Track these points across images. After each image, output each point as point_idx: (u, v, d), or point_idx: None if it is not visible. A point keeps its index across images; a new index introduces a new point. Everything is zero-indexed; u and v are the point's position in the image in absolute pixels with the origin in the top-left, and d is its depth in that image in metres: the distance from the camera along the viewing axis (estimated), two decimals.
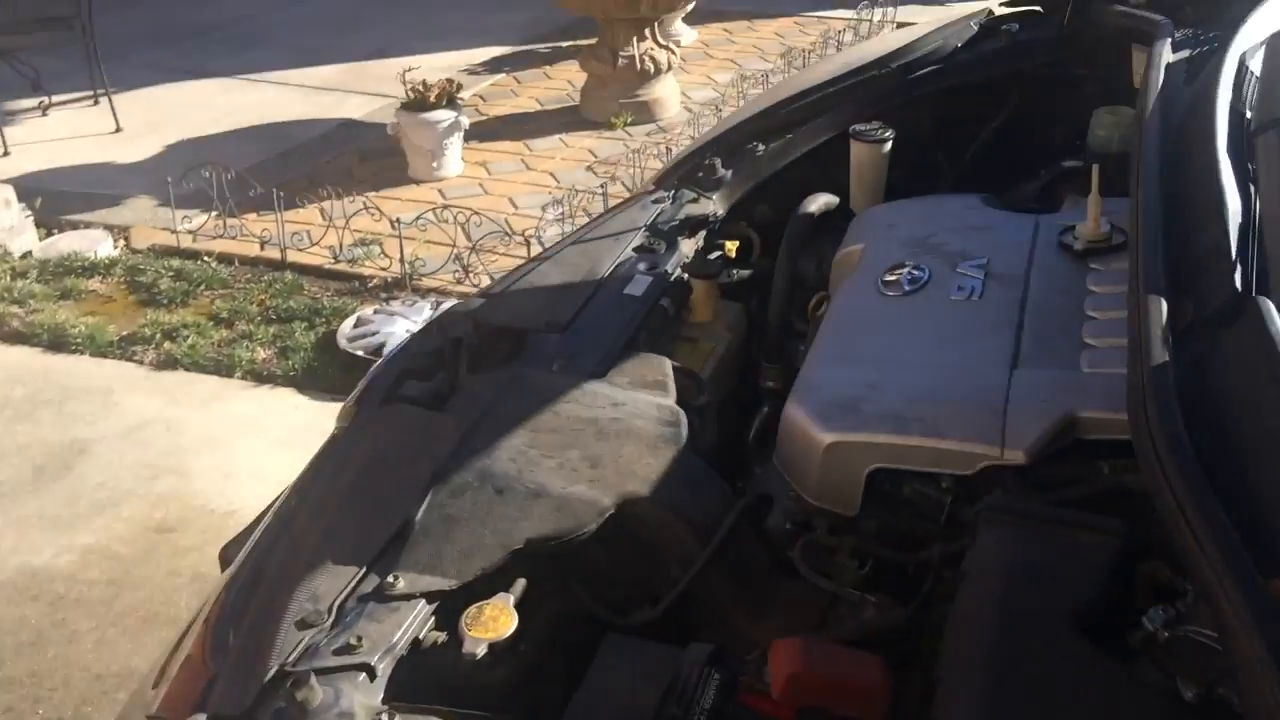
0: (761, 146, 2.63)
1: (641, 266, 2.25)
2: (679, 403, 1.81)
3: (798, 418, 1.70)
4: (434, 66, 6.99)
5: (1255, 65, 2.12)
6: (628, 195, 3.14)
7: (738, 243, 2.50)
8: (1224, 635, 1.01)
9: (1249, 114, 1.89)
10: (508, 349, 2.00)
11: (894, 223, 2.19)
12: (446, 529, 1.48)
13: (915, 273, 1.97)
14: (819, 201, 2.35)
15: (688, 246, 2.37)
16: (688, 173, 2.67)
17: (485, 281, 4.36)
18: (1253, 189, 1.64)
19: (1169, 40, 2.26)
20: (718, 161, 2.58)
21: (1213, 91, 1.88)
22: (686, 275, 2.27)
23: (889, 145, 2.54)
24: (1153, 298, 1.35)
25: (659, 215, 2.45)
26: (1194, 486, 1.08)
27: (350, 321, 4.64)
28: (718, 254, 2.39)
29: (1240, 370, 1.17)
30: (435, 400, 1.85)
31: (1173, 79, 2.07)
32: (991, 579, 1.27)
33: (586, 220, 3.09)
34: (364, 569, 1.40)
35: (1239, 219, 1.44)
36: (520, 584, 1.46)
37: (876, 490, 1.64)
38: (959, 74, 2.68)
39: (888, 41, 2.92)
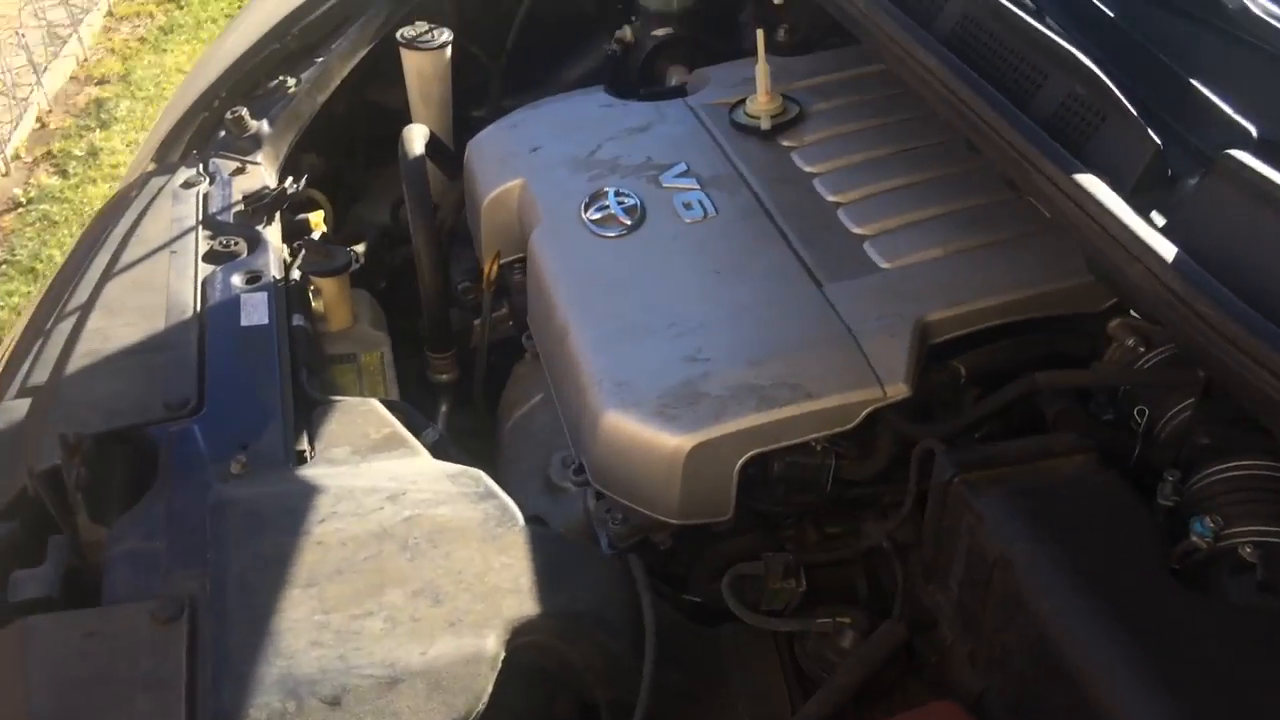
0: (291, 80, 2.04)
1: (236, 281, 1.65)
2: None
3: (629, 427, 1.32)
4: None
5: None
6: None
7: (321, 213, 1.94)
8: None
9: None
10: (130, 468, 1.35)
11: (536, 143, 1.80)
12: None
13: (624, 200, 1.62)
14: (419, 135, 1.86)
15: (274, 236, 1.78)
16: (200, 133, 2.01)
17: None
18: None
19: None
20: (244, 112, 1.96)
21: None
22: (301, 275, 1.71)
23: (449, 49, 2.10)
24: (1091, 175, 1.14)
25: (205, 203, 1.81)
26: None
27: None
28: (317, 235, 1.82)
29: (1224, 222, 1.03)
30: (72, 591, 1.19)
31: None
32: (1041, 557, 1.05)
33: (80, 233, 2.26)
34: None
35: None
36: None
37: (745, 481, 1.34)
38: None
39: None
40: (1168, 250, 1.00)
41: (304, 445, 1.38)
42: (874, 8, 1.46)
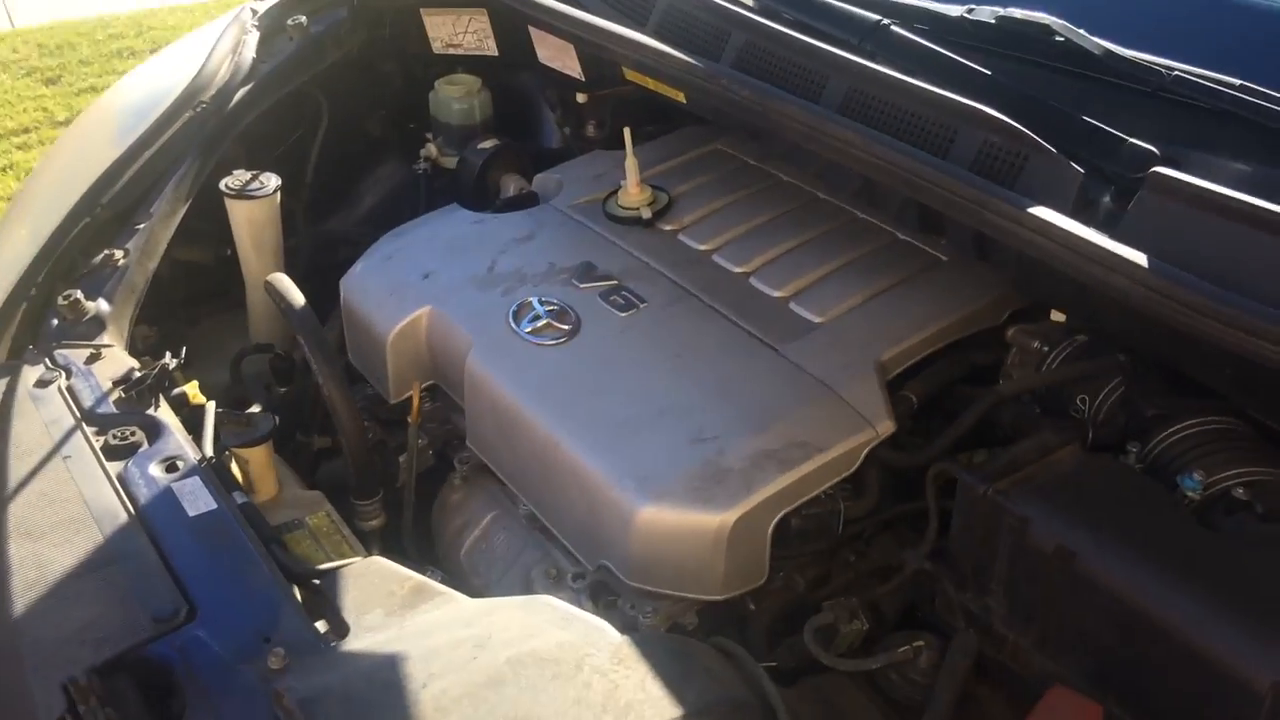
0: (119, 252, 1.91)
1: (156, 473, 1.52)
2: None
3: (667, 517, 1.36)
4: None
5: None
6: None
7: (195, 383, 1.82)
8: None
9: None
10: (142, 697, 1.23)
11: (424, 269, 1.79)
12: None
13: (550, 307, 1.66)
14: (287, 284, 1.79)
15: (169, 416, 1.66)
16: (25, 325, 1.84)
17: None
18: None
19: None
20: (78, 294, 1.81)
21: None
22: (226, 452, 1.60)
23: (277, 194, 2.04)
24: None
25: (74, 398, 1.66)
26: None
27: None
28: (243, 412, 1.71)
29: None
30: None
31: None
32: (1099, 541, 1.21)
33: None
34: None
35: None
36: None
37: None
38: (268, 93, 2.22)
39: (165, 66, 2.27)
40: (1139, 257, 1.19)
41: (322, 621, 1.30)
42: (763, 95, 1.59)
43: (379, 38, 2.41)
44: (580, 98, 2.30)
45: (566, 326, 1.62)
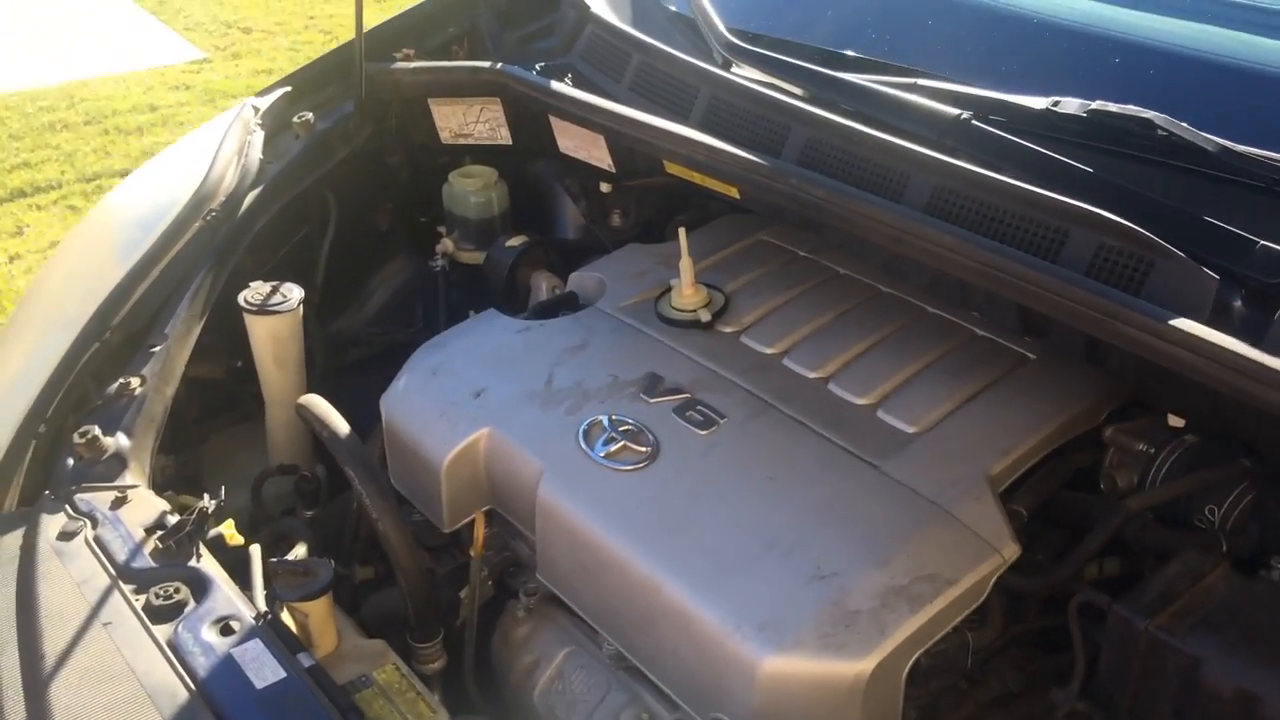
0: (134, 380, 1.76)
1: (210, 638, 1.39)
2: None
3: (797, 668, 1.25)
4: None
5: None
6: None
7: (232, 522, 1.68)
8: None
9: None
10: None
11: (474, 386, 1.67)
12: None
13: (624, 427, 1.55)
14: (324, 407, 1.66)
15: (213, 568, 1.52)
16: (36, 466, 1.69)
17: None
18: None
19: None
20: (96, 430, 1.66)
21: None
22: (282, 609, 1.47)
23: (300, 306, 1.91)
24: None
25: (104, 551, 1.51)
26: None
27: None
28: (281, 556, 1.57)
29: None
30: None
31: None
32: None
33: None
34: None
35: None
36: None
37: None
38: (279, 196, 2.09)
39: (166, 171, 2.13)
40: None
41: None
42: (843, 196, 1.51)
43: (384, 129, 2.30)
44: (605, 187, 2.20)
45: (645, 449, 1.51)
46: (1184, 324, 1.20)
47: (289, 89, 2.28)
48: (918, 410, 1.53)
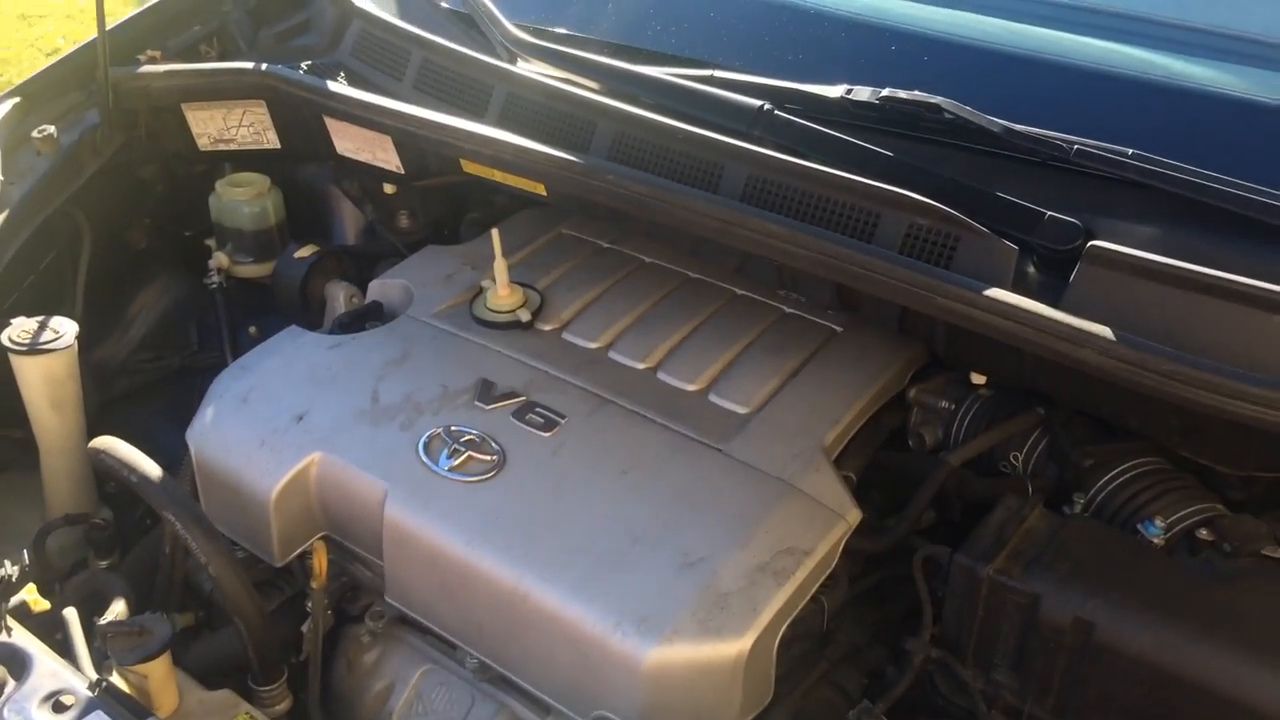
0: None
1: (42, 716, 1.27)
2: None
3: (679, 655, 1.28)
4: None
5: None
6: None
7: (34, 585, 1.54)
8: None
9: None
10: None
11: (295, 410, 1.60)
12: None
13: (466, 438, 1.53)
14: (132, 453, 1.53)
15: (28, 640, 1.39)
16: None
17: None
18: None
19: None
20: None
21: None
22: (114, 673, 1.36)
23: (75, 342, 1.75)
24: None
25: None
26: None
27: None
28: (107, 619, 1.45)
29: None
30: None
31: None
32: (1114, 607, 1.27)
33: None
34: None
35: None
36: None
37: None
38: (27, 223, 1.89)
39: None
40: (1105, 331, 1.26)
41: None
42: (661, 190, 1.54)
43: (134, 139, 2.12)
44: (388, 189, 2.14)
45: (490, 457, 1.49)
46: (995, 293, 1.32)
47: (18, 99, 2.05)
48: (746, 391, 1.60)
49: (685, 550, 1.36)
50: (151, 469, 1.48)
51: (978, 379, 1.60)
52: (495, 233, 1.72)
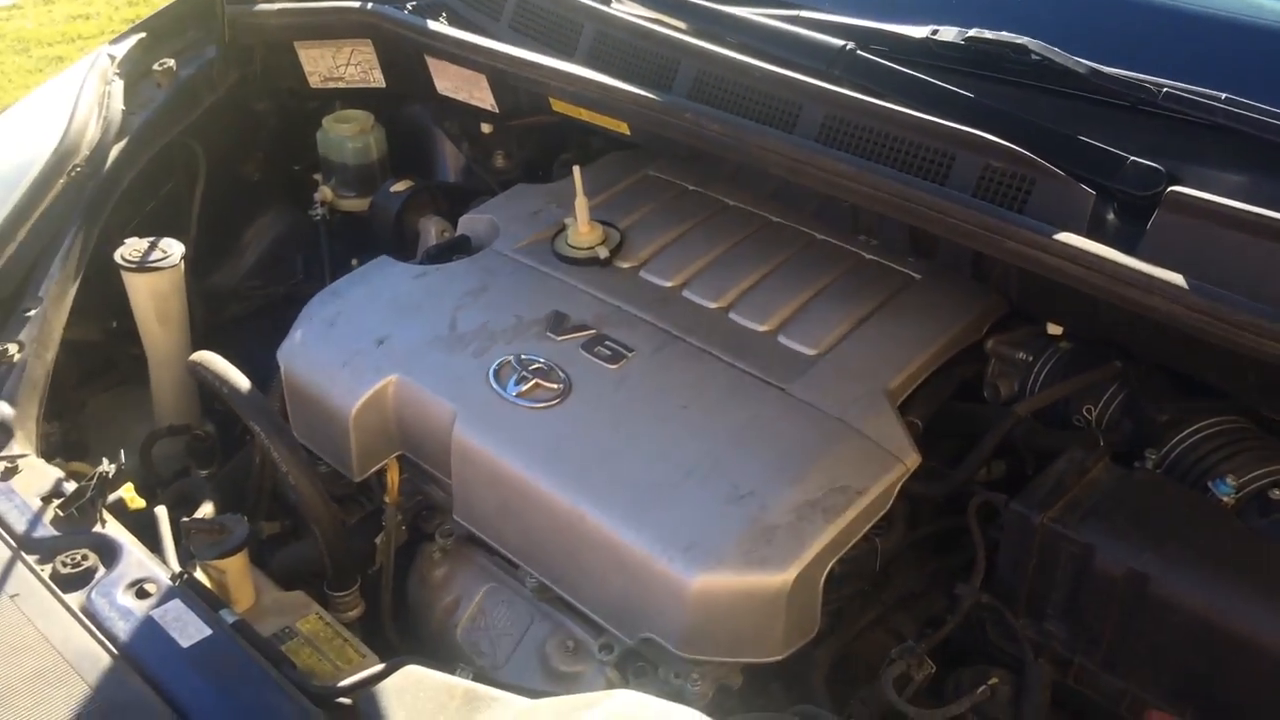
0: (12, 346, 1.69)
1: (127, 602, 1.36)
2: None
3: (724, 583, 1.30)
4: None
5: None
6: None
7: (131, 485, 1.63)
8: None
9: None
10: None
11: (376, 334, 1.66)
12: None
13: (535, 366, 1.57)
14: (220, 364, 1.62)
15: (119, 532, 1.48)
16: None
17: None
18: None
19: None
20: None
21: None
22: (198, 569, 1.45)
23: (182, 262, 1.85)
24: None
25: (8, 526, 1.46)
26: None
27: None
28: (192, 517, 1.54)
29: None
30: None
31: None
32: (1170, 561, 1.24)
33: None
34: None
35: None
36: None
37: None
38: (146, 148, 2.01)
39: (20, 127, 2.01)
40: (1178, 279, 1.22)
41: None
42: (738, 129, 1.54)
43: (250, 75, 2.22)
44: (486, 128, 2.19)
45: (557, 385, 1.53)
46: (1066, 237, 1.29)
47: (144, 35, 2.17)
48: (816, 333, 1.59)
49: (736, 483, 1.37)
50: (242, 383, 1.56)
51: (1054, 329, 1.56)
52: (577, 170, 1.75)
